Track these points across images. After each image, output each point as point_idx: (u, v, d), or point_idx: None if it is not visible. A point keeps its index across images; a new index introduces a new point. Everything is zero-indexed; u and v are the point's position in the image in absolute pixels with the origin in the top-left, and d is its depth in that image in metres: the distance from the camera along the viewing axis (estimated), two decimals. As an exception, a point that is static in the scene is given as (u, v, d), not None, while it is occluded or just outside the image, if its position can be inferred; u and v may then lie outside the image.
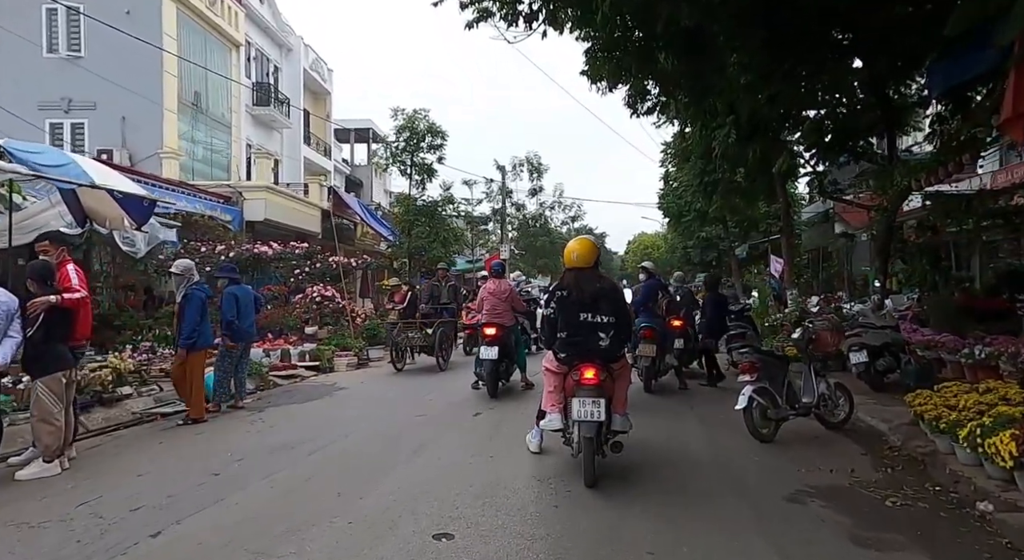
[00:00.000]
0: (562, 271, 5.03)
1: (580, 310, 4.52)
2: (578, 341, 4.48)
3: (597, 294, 4.57)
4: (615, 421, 4.52)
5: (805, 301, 13.37)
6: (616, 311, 4.57)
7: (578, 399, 4.28)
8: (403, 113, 18.29)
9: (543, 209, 35.73)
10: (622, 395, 4.65)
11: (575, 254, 4.71)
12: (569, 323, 4.53)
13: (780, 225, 20.69)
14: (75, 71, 16.82)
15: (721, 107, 8.80)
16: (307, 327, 11.10)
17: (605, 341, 4.44)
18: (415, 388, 8.37)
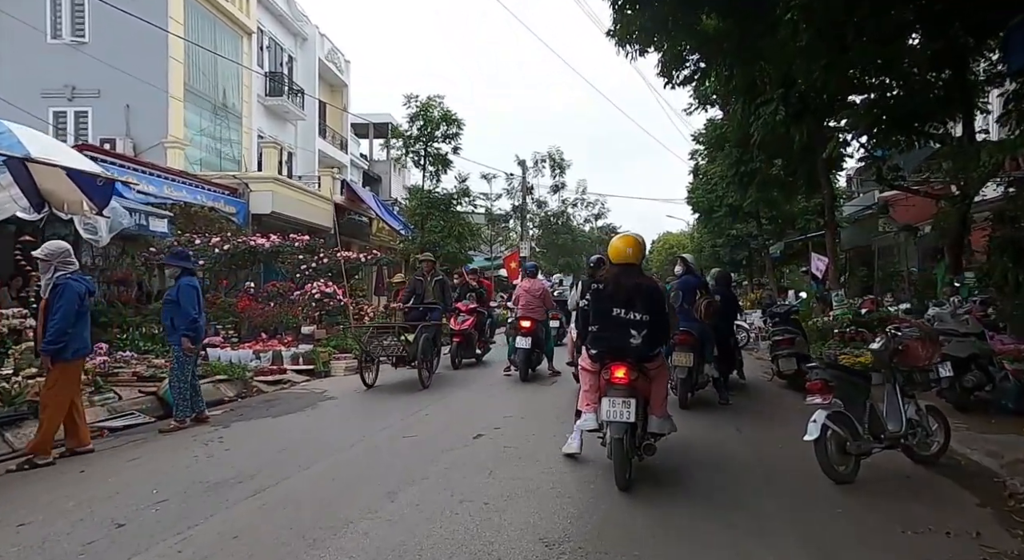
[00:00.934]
0: (584, 269, 4.57)
1: (613, 305, 4.36)
2: (608, 337, 4.35)
3: (633, 291, 4.38)
4: (652, 423, 4.40)
5: (865, 303, 12.07)
6: (652, 310, 4.36)
7: (608, 399, 4.18)
8: (416, 101, 17.31)
9: (565, 206, 34.55)
10: (660, 396, 4.50)
11: (619, 250, 4.57)
12: (601, 317, 4.41)
13: (820, 220, 19.38)
14: (79, 57, 16.18)
15: (774, 74, 7.60)
16: (304, 327, 10.18)
17: (637, 339, 4.26)
18: (411, 400, 7.28)
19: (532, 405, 7.01)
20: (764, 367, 10.40)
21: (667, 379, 4.68)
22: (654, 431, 4.38)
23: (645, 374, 4.33)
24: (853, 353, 8.43)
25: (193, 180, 14.57)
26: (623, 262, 4.51)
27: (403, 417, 6.17)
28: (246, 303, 10.39)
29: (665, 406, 4.54)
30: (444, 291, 9.43)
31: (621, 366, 4.20)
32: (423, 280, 9.42)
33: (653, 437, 4.38)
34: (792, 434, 4.96)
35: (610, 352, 4.29)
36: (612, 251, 4.55)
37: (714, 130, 15.03)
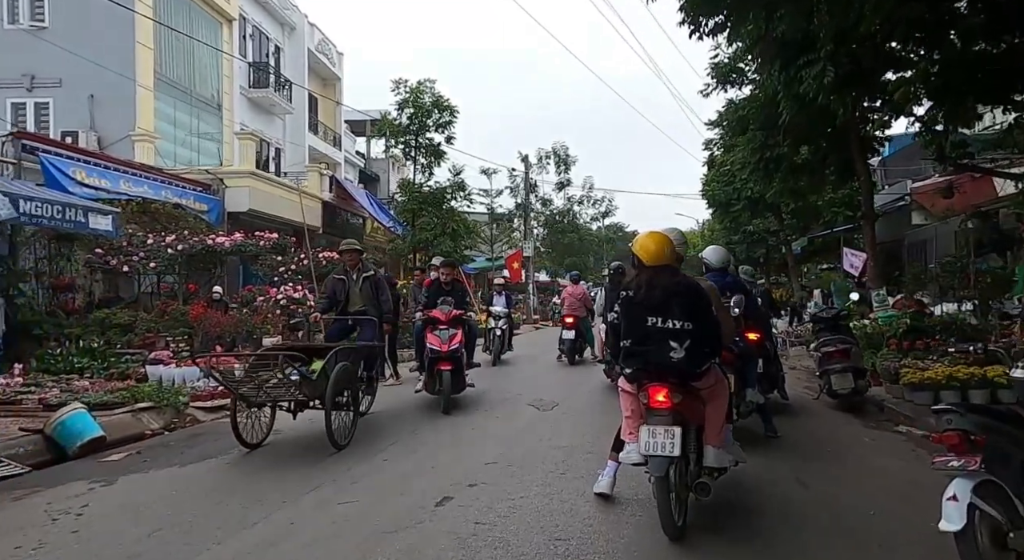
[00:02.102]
0: (593, 270, 3.21)
1: (647, 313, 3.50)
2: (644, 351, 3.50)
3: (670, 294, 3.50)
4: (708, 455, 3.57)
5: (898, 302, 10.54)
6: (694, 315, 3.48)
7: (647, 427, 3.39)
8: (405, 86, 15.87)
9: (571, 204, 33.07)
10: (717, 421, 3.62)
11: (650, 250, 3.65)
12: (633, 329, 3.57)
13: (849, 213, 17.83)
14: (38, 44, 14.88)
15: (827, 26, 6.09)
16: (265, 338, 8.77)
17: (679, 352, 3.41)
18: (371, 434, 5.79)
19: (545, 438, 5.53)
20: (801, 380, 8.90)
21: (726, 399, 3.72)
22: (711, 466, 3.55)
23: (694, 394, 3.50)
24: (919, 366, 6.95)
25: (157, 174, 13.23)
26: (656, 264, 3.58)
27: (351, 466, 4.60)
28: (200, 311, 8.98)
29: (724, 433, 3.66)
30: (378, 292, 6.72)
31: (661, 387, 3.37)
32: (344, 280, 6.72)
33: (710, 473, 3.55)
34: (859, 474, 4.32)
35: (647, 370, 3.45)
36: (642, 251, 3.63)
37: (735, 112, 13.52)
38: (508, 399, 7.48)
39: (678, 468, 3.35)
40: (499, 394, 7.80)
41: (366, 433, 5.62)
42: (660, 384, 3.35)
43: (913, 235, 17.75)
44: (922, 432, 5.55)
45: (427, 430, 5.83)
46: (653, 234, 3.69)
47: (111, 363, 8.28)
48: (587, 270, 35.95)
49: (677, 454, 3.25)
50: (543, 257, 33.71)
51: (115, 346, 8.98)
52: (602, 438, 5.24)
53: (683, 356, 3.34)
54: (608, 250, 49.52)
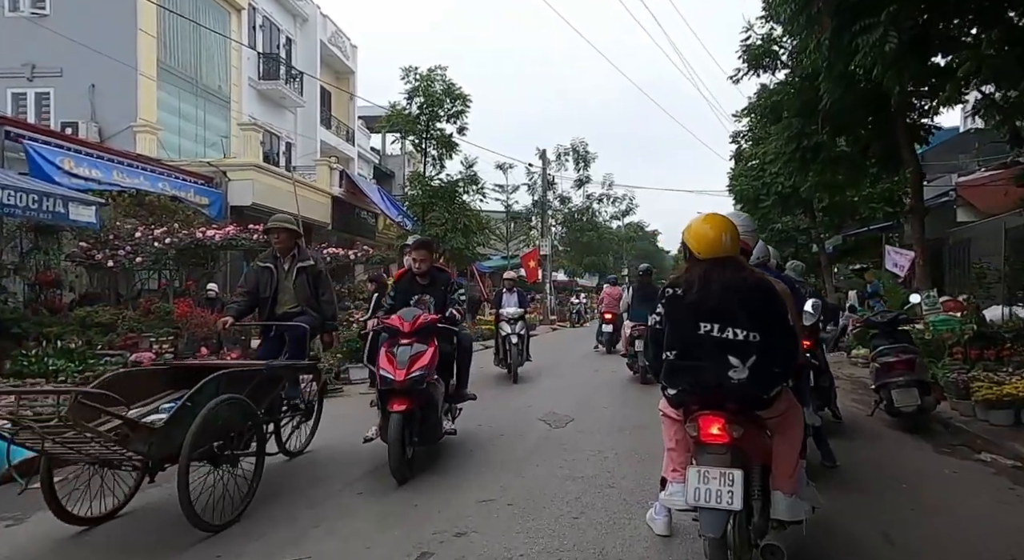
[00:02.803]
0: (612, 269, 2.37)
1: (700, 318, 2.62)
2: (693, 368, 2.61)
3: (731, 295, 2.58)
4: (777, 504, 2.63)
5: (947, 304, 9.52)
6: (764, 323, 2.59)
7: (697, 469, 2.51)
8: (416, 73, 15.10)
9: (590, 202, 32.13)
10: (788, 460, 2.70)
11: (706, 237, 2.74)
12: (681, 337, 2.68)
13: (889, 209, 16.70)
14: (40, 33, 14.39)
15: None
16: (254, 339, 8.03)
17: (740, 371, 2.52)
18: (348, 456, 4.98)
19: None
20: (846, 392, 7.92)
21: (800, 430, 2.82)
22: (782, 518, 2.64)
23: (759, 425, 2.66)
24: (992, 379, 5.98)
25: (155, 166, 12.63)
26: (715, 255, 2.71)
27: (315, 502, 3.71)
28: (185, 310, 8.28)
29: (799, 476, 2.75)
30: (318, 289, 5.02)
31: (716, 416, 2.52)
32: (272, 270, 4.95)
33: (780, 526, 2.67)
34: (953, 521, 3.49)
35: (698, 392, 2.61)
36: (696, 239, 2.76)
37: (768, 97, 12.49)
38: (515, 412, 6.65)
39: (738, 521, 2.53)
40: (505, 405, 6.97)
41: (337, 457, 4.81)
42: (715, 412, 2.53)
43: (956, 234, 16.61)
44: (1012, 462, 4.61)
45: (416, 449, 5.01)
46: (711, 217, 2.82)
47: (88, 365, 7.62)
48: (607, 269, 34.99)
49: (738, 507, 2.42)
50: (561, 256, 32.81)
51: (96, 347, 8.33)
52: (625, 465, 4.40)
53: (746, 376, 2.50)
54: (628, 249, 48.47)
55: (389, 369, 4.23)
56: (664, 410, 2.89)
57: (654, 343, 2.81)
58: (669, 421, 2.87)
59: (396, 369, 4.21)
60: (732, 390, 2.51)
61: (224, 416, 3.47)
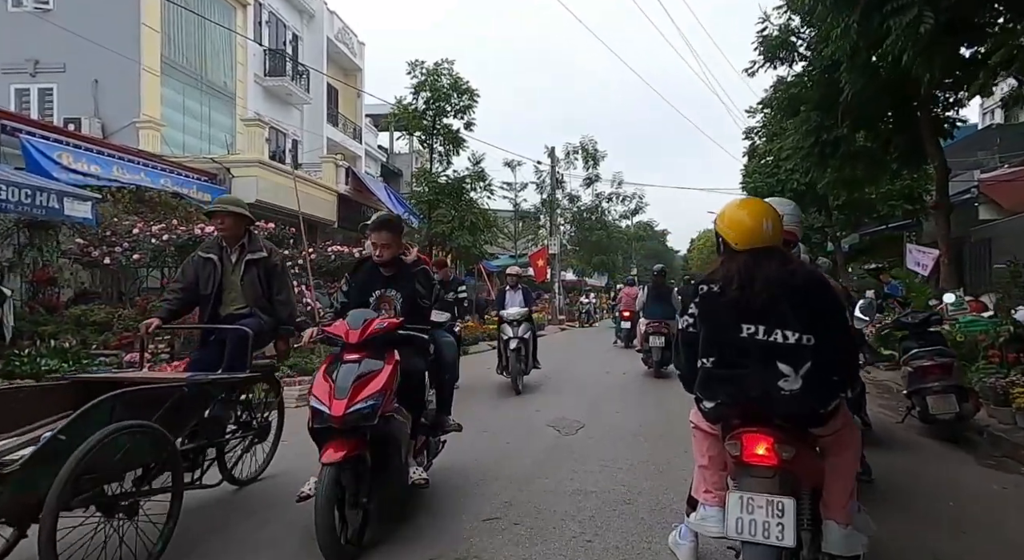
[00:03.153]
0: (624, 269, 1.91)
1: (741, 319, 2.21)
2: (735, 377, 2.21)
3: (779, 291, 2.18)
4: (830, 537, 2.22)
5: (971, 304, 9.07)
6: (819, 324, 2.17)
7: (739, 495, 2.12)
8: (422, 67, 14.78)
9: (599, 200, 31.68)
10: (842, 485, 2.29)
11: (745, 225, 2.34)
12: (719, 342, 2.27)
13: (908, 206, 16.24)
14: (43, 27, 14.25)
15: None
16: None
17: (793, 381, 2.12)
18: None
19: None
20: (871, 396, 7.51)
21: (857, 450, 2.50)
22: (835, 552, 2.25)
23: (810, 444, 2.27)
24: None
25: (156, 161, 12.41)
26: (755, 246, 2.31)
27: (301, 515, 3.07)
28: (182, 308, 8.00)
29: (852, 503, 2.35)
30: (271, 287, 4.13)
31: (763, 434, 2.15)
32: (214, 262, 4.08)
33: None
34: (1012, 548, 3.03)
35: (741, 406, 2.22)
36: (732, 227, 2.38)
37: (786, 90, 12.09)
38: (522, 417, 6.32)
39: (784, 557, 2.17)
40: (511, 409, 6.65)
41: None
42: (761, 429, 2.16)
43: (978, 232, 16.13)
44: (1064, 477, 4.23)
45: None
46: (748, 202, 2.45)
47: (82, 366, 7.37)
48: (616, 269, 34.57)
49: (790, 543, 2.05)
50: (570, 255, 32.41)
51: (91, 346, 8.09)
52: (641, 478, 4.05)
53: (799, 387, 2.12)
54: (638, 249, 47.98)
55: (323, 399, 2.93)
56: (696, 422, 2.53)
57: (686, 348, 2.42)
58: (701, 434, 2.51)
59: (333, 398, 2.91)
60: (782, 403, 2.13)
61: (122, 449, 2.64)
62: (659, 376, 9.30)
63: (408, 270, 3.67)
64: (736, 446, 2.17)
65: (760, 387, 2.14)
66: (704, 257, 53.54)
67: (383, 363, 3.11)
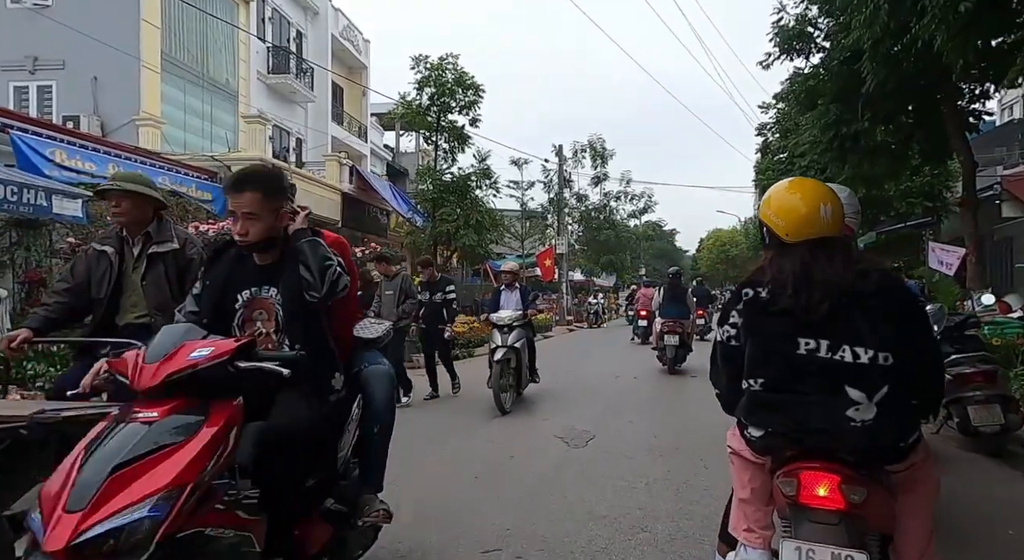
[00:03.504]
0: (633, 269, 1.49)
1: (798, 331, 1.78)
2: (792, 403, 1.78)
3: (843, 294, 1.75)
4: None
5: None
6: (901, 338, 1.74)
7: (795, 545, 1.70)
8: (426, 62, 14.43)
9: (607, 199, 31.22)
10: (920, 532, 1.84)
11: (796, 211, 1.87)
12: (770, 358, 1.83)
13: (928, 203, 15.74)
14: (42, 24, 14.00)
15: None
16: (247, 342, 7.42)
17: (866, 409, 1.70)
18: None
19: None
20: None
21: (936, 489, 1.98)
22: None
23: (882, 484, 1.80)
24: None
25: (154, 159, 12.12)
26: (810, 237, 1.86)
27: None
28: (173, 310, 7.69)
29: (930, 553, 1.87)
30: (184, 286, 2.98)
31: (827, 473, 1.74)
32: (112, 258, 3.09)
33: None
34: None
35: (800, 438, 1.80)
36: (782, 213, 1.92)
37: (803, 82, 11.63)
38: (528, 425, 5.94)
39: None
40: (516, 417, 6.27)
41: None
42: (825, 466, 1.76)
43: (1001, 230, 15.60)
44: None
45: (408, 476, 4.33)
46: (799, 183, 1.98)
47: (66, 370, 7.06)
48: (624, 268, 34.12)
49: None
50: (577, 255, 31.99)
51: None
52: (659, 499, 3.66)
53: (874, 417, 1.70)
54: (646, 248, 47.46)
55: (46, 511, 1.55)
56: (735, 448, 2.09)
57: (727, 365, 1.98)
58: (742, 463, 2.07)
59: (60, 510, 1.54)
60: (852, 437, 1.72)
61: None
62: (673, 373, 9.68)
63: (293, 254, 2.24)
64: (791, 484, 1.77)
65: (823, 418, 1.73)
66: (714, 257, 52.88)
67: (200, 426, 1.75)
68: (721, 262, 50.27)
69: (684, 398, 7.63)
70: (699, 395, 7.82)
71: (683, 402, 7.31)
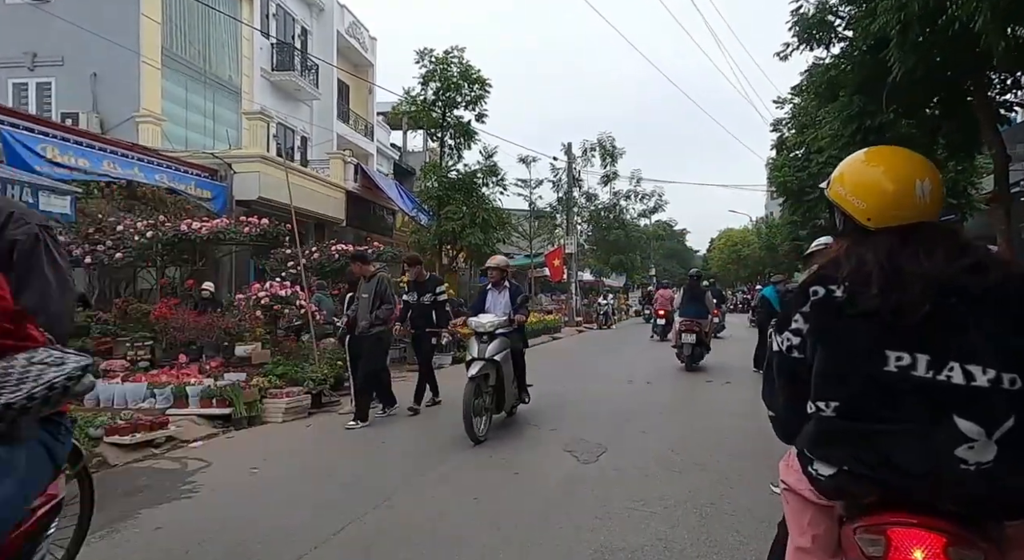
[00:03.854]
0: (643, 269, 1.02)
1: (887, 342, 1.31)
2: (878, 436, 1.31)
3: (954, 297, 1.29)
4: None
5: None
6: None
7: None
8: (431, 56, 14.03)
9: (617, 199, 30.72)
10: None
11: (882, 190, 1.43)
12: (848, 376, 1.35)
13: (953, 200, 15.13)
14: (41, 19, 13.77)
15: None
16: (239, 346, 7.06)
17: (983, 448, 1.23)
18: (317, 495, 3.97)
19: None
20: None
21: None
22: None
23: (997, 545, 1.30)
24: None
25: (152, 156, 11.82)
26: (904, 222, 1.42)
27: None
28: (163, 311, 7.35)
29: None
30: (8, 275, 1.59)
31: (927, 531, 1.26)
32: None
33: None
34: None
35: (884, 480, 1.32)
36: (863, 192, 1.47)
37: (823, 73, 11.13)
38: (535, 437, 5.51)
39: None
40: (522, 427, 5.84)
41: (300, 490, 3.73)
42: (925, 522, 1.31)
43: (1028, 229, 14.99)
44: None
45: (404, 495, 3.93)
46: (887, 153, 1.57)
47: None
48: (634, 269, 33.61)
49: None
50: (587, 255, 31.52)
51: (66, 353, 7.45)
52: (682, 528, 3.23)
53: (994, 458, 1.27)
54: (657, 248, 46.85)
55: None
56: (792, 485, 1.62)
57: (786, 381, 1.53)
58: (801, 503, 1.61)
59: None
60: (963, 483, 1.29)
61: None
62: (690, 370, 10.15)
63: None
64: (877, 543, 1.33)
65: (922, 457, 1.29)
66: (725, 257, 52.04)
67: None
68: (733, 262, 49.55)
69: (700, 406, 7.19)
70: (715, 402, 7.38)
71: (699, 410, 6.86)
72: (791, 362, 1.49)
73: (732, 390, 8.22)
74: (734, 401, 7.50)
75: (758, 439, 5.41)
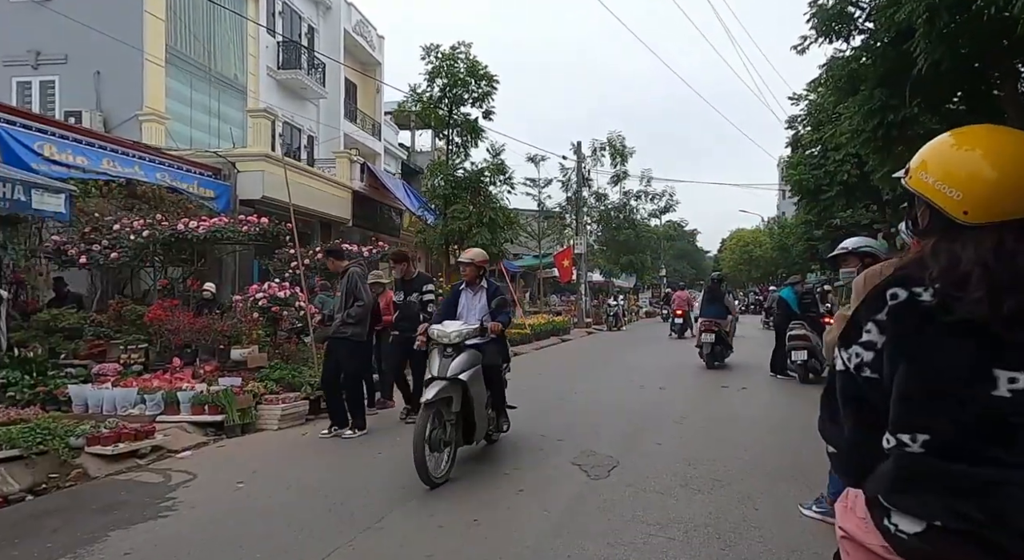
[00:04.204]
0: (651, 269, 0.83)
1: (995, 359, 1.01)
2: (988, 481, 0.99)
3: None
4: None
5: None
6: None
7: None
8: (437, 52, 13.74)
9: (627, 198, 30.29)
10: None
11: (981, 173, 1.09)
12: (942, 402, 1.03)
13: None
14: (45, 17, 13.63)
15: None
16: (235, 349, 6.78)
17: None
18: (299, 519, 3.67)
19: None
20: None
21: None
22: None
23: None
24: None
25: (153, 154, 11.60)
26: (1013, 217, 1.07)
27: None
28: (157, 313, 7.09)
29: None
30: None
31: None
32: None
33: None
34: None
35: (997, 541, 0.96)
36: (957, 179, 1.12)
37: (843, 66, 10.74)
38: (541, 449, 5.17)
39: None
40: (529, 438, 5.51)
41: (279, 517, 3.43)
42: None
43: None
44: None
45: (399, 514, 3.62)
46: (985, 132, 1.20)
47: (42, 379, 6.49)
48: (645, 269, 33.17)
49: None
50: (597, 255, 31.13)
51: (59, 356, 7.24)
52: (703, 555, 2.89)
53: None
54: (667, 248, 46.36)
55: None
56: (853, 534, 1.26)
57: (853, 408, 1.19)
58: (863, 555, 1.25)
59: None
60: None
61: None
62: (711, 367, 10.52)
63: None
64: None
65: None
66: (736, 258, 51.39)
67: None
68: (744, 263, 48.95)
69: (716, 413, 6.84)
70: (732, 409, 7.03)
71: (716, 419, 6.51)
72: (861, 383, 1.16)
73: (749, 396, 7.86)
74: (752, 407, 7.16)
75: (780, 451, 5.06)
